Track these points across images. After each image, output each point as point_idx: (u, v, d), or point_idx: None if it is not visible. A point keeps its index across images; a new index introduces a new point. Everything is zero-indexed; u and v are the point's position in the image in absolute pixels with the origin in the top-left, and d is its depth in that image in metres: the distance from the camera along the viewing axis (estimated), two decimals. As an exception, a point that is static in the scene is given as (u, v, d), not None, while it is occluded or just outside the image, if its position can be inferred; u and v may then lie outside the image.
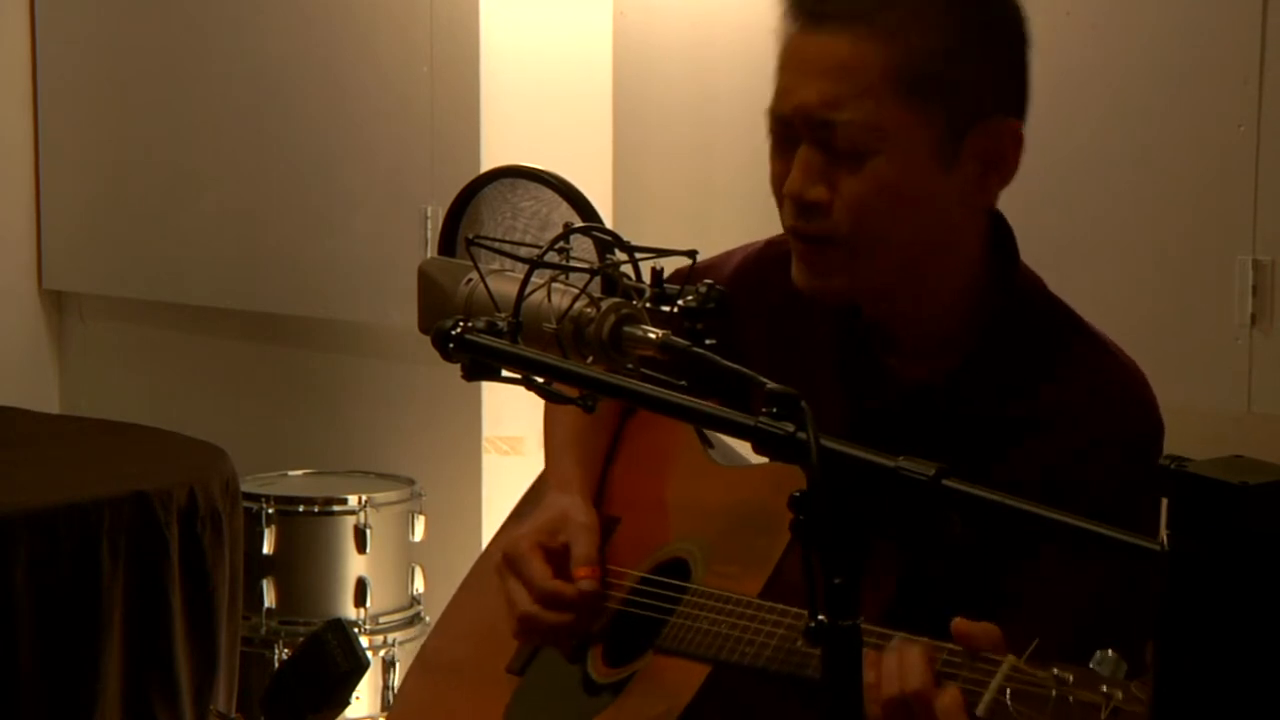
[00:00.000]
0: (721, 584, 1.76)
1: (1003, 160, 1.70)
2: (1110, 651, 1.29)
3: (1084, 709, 1.27)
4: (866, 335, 1.80)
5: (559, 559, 1.90)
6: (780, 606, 1.66)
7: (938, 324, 1.76)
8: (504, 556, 1.92)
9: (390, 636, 4.27)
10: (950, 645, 1.45)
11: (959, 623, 1.46)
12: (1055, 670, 1.31)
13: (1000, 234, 1.78)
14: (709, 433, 1.99)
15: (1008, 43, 1.71)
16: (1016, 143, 1.70)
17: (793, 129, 1.69)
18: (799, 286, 1.74)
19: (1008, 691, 1.34)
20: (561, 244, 1.44)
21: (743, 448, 1.93)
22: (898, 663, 1.46)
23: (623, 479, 2.03)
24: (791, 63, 1.69)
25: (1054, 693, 1.29)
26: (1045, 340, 1.76)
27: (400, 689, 2.22)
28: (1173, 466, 1.04)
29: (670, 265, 1.45)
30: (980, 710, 1.35)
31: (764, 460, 1.85)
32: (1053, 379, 1.74)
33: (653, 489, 1.99)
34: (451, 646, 2.11)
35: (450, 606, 2.16)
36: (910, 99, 1.64)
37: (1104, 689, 1.27)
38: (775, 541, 1.72)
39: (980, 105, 1.68)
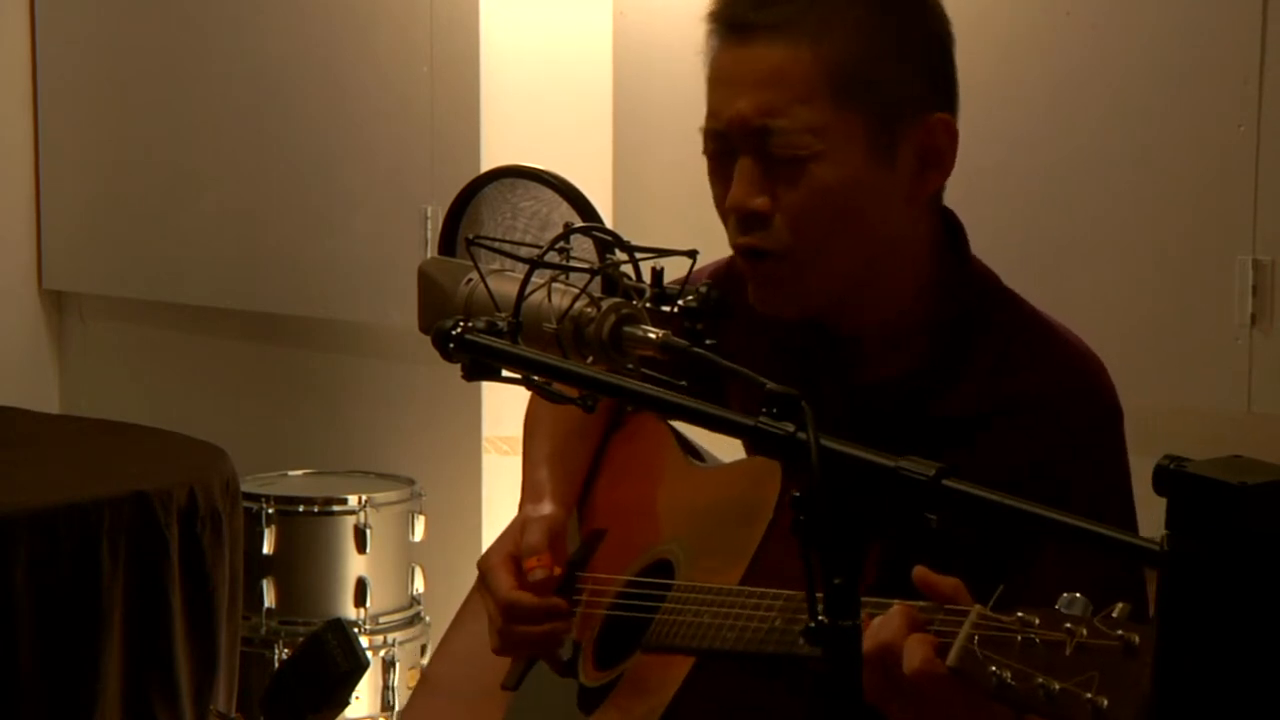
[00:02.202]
0: (704, 578, 1.77)
1: (939, 155, 1.72)
2: (1077, 595, 1.31)
3: (1049, 648, 1.30)
4: (827, 342, 1.81)
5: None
6: (759, 590, 1.67)
7: (894, 326, 1.77)
8: (478, 573, 1.95)
9: (390, 636, 4.27)
10: (921, 603, 1.46)
11: (921, 571, 1.47)
12: (1020, 614, 1.33)
13: (949, 230, 1.80)
14: (691, 439, 2.00)
15: (932, 43, 1.74)
16: (952, 137, 1.73)
17: (729, 143, 1.72)
18: (756, 307, 1.76)
19: (976, 639, 1.36)
20: (561, 244, 1.44)
21: (725, 451, 1.94)
22: (877, 621, 1.47)
23: (607, 493, 2.04)
24: (722, 78, 1.74)
25: (1020, 636, 1.32)
26: (1000, 333, 1.77)
27: (403, 714, 2.24)
28: (1172, 466, 1.04)
29: (670, 265, 1.45)
30: (951, 660, 1.37)
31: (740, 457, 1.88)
32: (1005, 369, 1.75)
33: (636, 499, 2.01)
34: (451, 669, 2.13)
35: (450, 628, 2.17)
36: (843, 101, 1.67)
37: (1067, 626, 1.29)
38: (753, 531, 1.74)
39: (912, 103, 1.71)
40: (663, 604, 1.80)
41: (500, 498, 4.03)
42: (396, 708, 4.25)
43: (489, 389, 4.06)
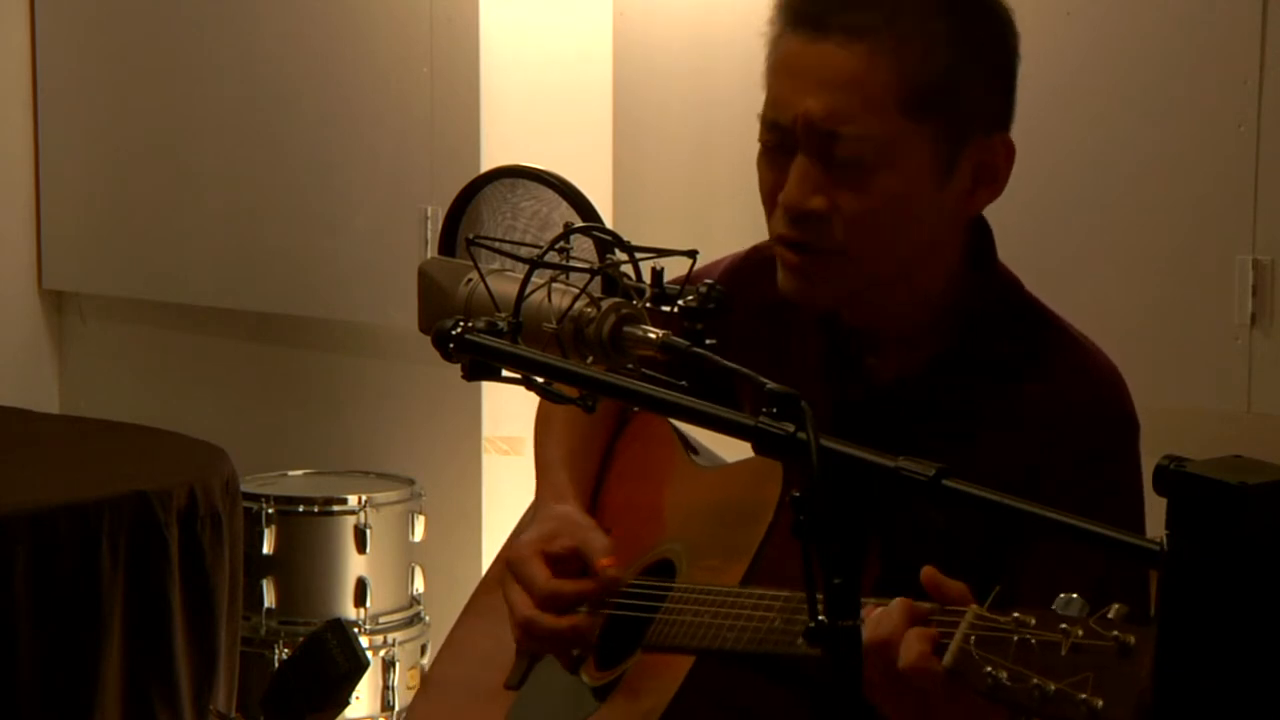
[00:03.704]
0: (705, 578, 1.78)
1: (995, 174, 1.73)
2: (1074, 595, 1.31)
3: (1045, 648, 1.30)
4: (846, 336, 1.81)
5: (559, 563, 1.90)
6: (759, 590, 1.67)
7: (916, 323, 1.77)
8: (506, 564, 1.94)
9: (390, 636, 4.27)
10: (924, 604, 1.46)
11: (930, 571, 1.47)
12: (1016, 614, 1.33)
13: (979, 232, 1.80)
14: (692, 437, 2.00)
15: (1004, 60, 1.73)
16: (1010, 156, 1.73)
17: (790, 137, 1.70)
18: (786, 295, 1.75)
19: (972, 639, 1.36)
20: (561, 244, 1.44)
21: (726, 449, 1.94)
22: (878, 614, 1.47)
23: (612, 494, 2.04)
24: (791, 70, 1.70)
25: (1016, 637, 1.32)
26: (1019, 336, 1.77)
27: (408, 712, 2.24)
28: (1172, 467, 1.04)
29: (670, 265, 1.45)
30: (947, 660, 1.38)
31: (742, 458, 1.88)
32: (1026, 374, 1.75)
33: (640, 499, 2.01)
34: (455, 670, 2.13)
35: (454, 630, 2.17)
36: (914, 115, 1.66)
37: (1063, 627, 1.29)
38: (754, 532, 1.74)
39: (977, 121, 1.70)
40: (663, 604, 1.80)
41: (500, 498, 4.03)
42: (397, 708, 4.25)
43: (489, 389, 4.06)
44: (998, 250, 1.82)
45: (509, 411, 4.03)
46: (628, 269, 1.44)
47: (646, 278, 1.43)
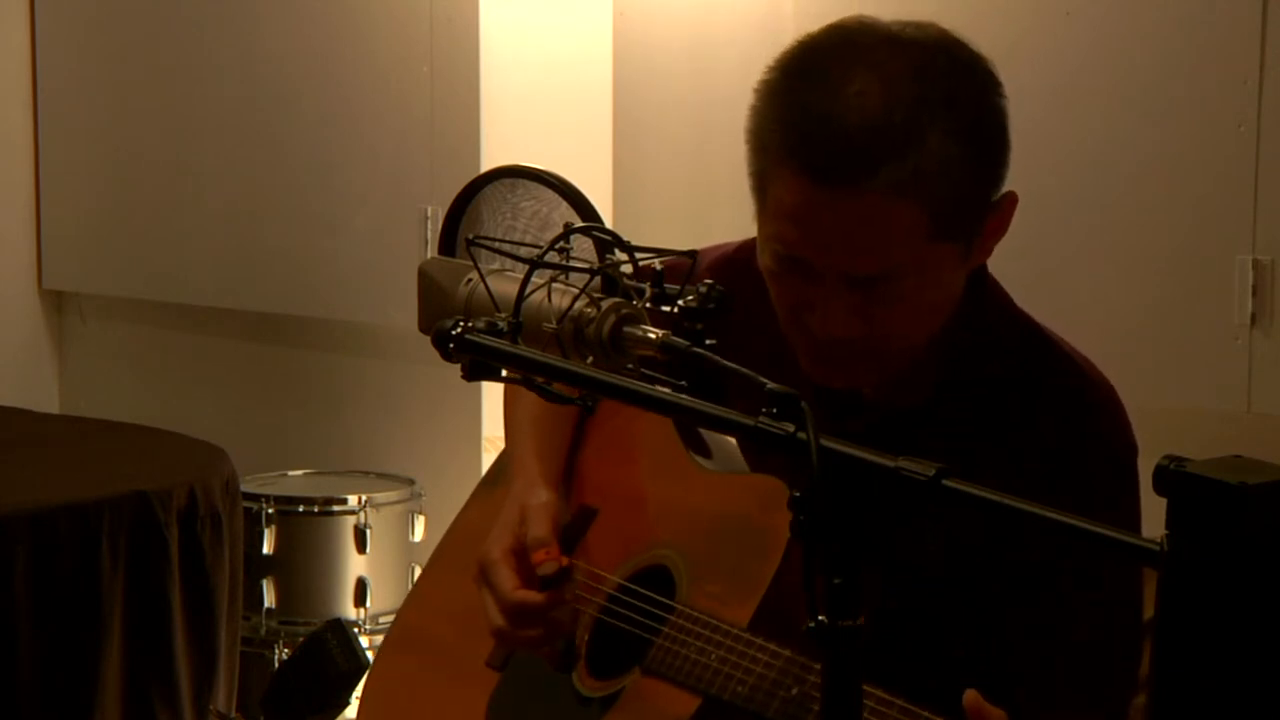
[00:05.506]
0: (708, 605, 1.75)
1: (1003, 228, 1.71)
2: None
3: None
4: None
5: (527, 560, 1.88)
6: (771, 647, 1.66)
7: (914, 355, 1.76)
8: (478, 566, 1.91)
9: (390, 636, 4.27)
10: None
11: (973, 696, 1.47)
12: None
13: None
14: (705, 434, 1.97)
15: (1005, 137, 1.69)
16: (1013, 206, 1.70)
17: (813, 271, 1.66)
18: (808, 375, 1.72)
19: None
20: (561, 244, 1.43)
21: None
22: None
23: (596, 466, 2.00)
24: (813, 222, 1.64)
25: None
26: (1015, 360, 1.77)
27: (375, 661, 2.17)
28: (1172, 467, 1.03)
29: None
30: None
31: (746, 469, 1.86)
32: (1023, 399, 1.74)
33: (629, 482, 1.96)
34: (428, 624, 2.08)
35: (425, 579, 2.13)
36: (942, 235, 1.64)
37: None
38: (763, 566, 1.71)
39: (989, 202, 1.68)
40: (664, 627, 1.77)
41: (500, 498, 4.02)
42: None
43: (489, 389, 4.06)
44: (996, 251, 1.81)
45: (509, 411, 4.02)
46: (628, 269, 1.44)
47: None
